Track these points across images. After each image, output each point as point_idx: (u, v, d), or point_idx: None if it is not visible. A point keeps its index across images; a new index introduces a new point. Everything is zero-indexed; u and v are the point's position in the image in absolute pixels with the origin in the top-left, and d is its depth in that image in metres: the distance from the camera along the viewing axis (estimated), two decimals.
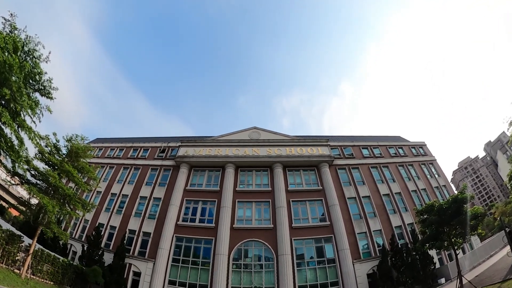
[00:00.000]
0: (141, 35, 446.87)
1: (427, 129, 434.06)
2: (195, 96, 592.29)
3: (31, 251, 16.68)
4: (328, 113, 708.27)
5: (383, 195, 33.02)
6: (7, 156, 15.11)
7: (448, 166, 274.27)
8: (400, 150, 39.73)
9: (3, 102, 13.97)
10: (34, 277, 17.20)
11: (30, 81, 15.26)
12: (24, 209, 18.94)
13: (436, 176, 37.44)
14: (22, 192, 41.06)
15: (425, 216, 21.46)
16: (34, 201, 19.89)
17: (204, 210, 31.20)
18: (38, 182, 18.39)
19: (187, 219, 30.34)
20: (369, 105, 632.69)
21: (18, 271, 16.14)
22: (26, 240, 18.07)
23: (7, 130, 14.18)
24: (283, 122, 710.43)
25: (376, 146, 39.50)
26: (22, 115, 14.85)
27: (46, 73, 15.48)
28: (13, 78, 13.40)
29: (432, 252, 26.10)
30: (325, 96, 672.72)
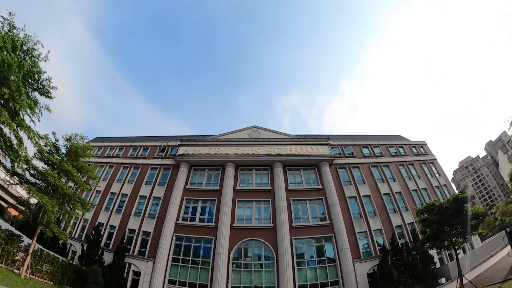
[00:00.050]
0: (141, 34, 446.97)
1: (428, 129, 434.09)
2: (195, 95, 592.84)
3: (31, 251, 16.65)
4: (328, 112, 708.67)
5: (384, 195, 32.96)
6: (6, 156, 15.04)
7: (449, 166, 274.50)
8: (401, 149, 39.64)
9: (2, 102, 13.94)
10: (34, 277, 17.18)
11: (29, 80, 15.20)
12: (24, 209, 18.92)
13: (437, 176, 37.36)
14: (22, 192, 41.06)
15: (426, 216, 21.41)
16: (34, 201, 19.85)
17: (204, 209, 31.18)
18: (38, 182, 18.35)
19: (187, 218, 30.32)
20: (369, 105, 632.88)
21: (18, 271, 16.12)
22: (26, 240, 18.07)
23: (6, 130, 14.15)
24: (283, 121, 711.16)
25: (377, 145, 39.42)
26: (21, 115, 14.81)
27: (45, 72, 15.45)
28: (12, 77, 13.37)
29: (433, 252, 26.05)
30: (325, 96, 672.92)
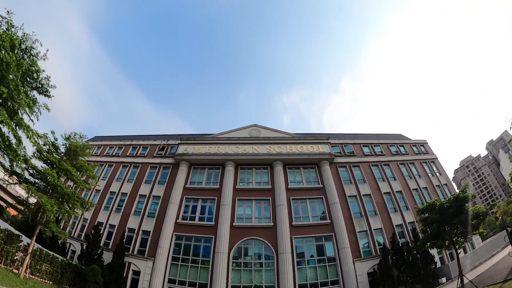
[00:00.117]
0: (141, 32, 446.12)
1: (428, 128, 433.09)
2: (195, 94, 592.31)
3: (30, 251, 16.62)
4: (329, 111, 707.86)
5: (384, 194, 32.88)
6: (5, 155, 14.97)
7: (450, 165, 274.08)
8: (401, 148, 39.53)
9: (1, 101, 13.84)
10: (33, 277, 17.14)
11: (28, 79, 15.09)
12: (23, 208, 18.87)
13: (438, 175, 37.24)
14: (21, 191, 41.12)
15: (426, 215, 21.31)
16: (33, 200, 19.86)
17: (204, 208, 31.13)
18: (37, 181, 18.29)
19: (187, 217, 30.28)
20: (370, 103, 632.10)
21: (17, 271, 16.10)
22: (25, 240, 18.04)
23: (5, 129, 14.07)
24: (284, 120, 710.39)
25: (377, 144, 39.29)
26: (20, 114, 14.72)
27: (44, 71, 15.32)
28: (11, 76, 13.26)
29: (433, 251, 26.02)
30: (326, 93, 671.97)
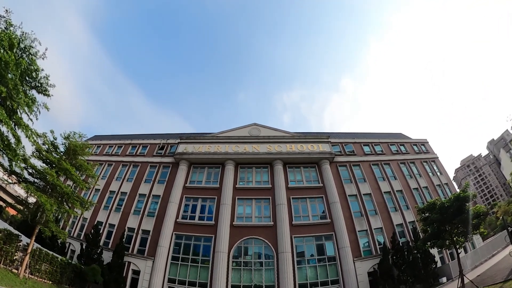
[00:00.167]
0: (140, 31, 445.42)
1: (429, 127, 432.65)
2: (195, 92, 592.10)
3: (29, 251, 16.57)
4: (329, 110, 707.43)
5: (384, 193, 32.81)
6: (4, 155, 14.90)
7: (450, 164, 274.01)
8: (402, 148, 39.44)
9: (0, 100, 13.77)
10: (33, 277, 17.11)
11: (27, 78, 15.01)
12: (22, 208, 18.80)
13: (438, 174, 37.14)
14: (20, 191, 41.00)
15: (427, 214, 21.22)
16: (32, 200, 19.82)
17: (204, 208, 31.08)
18: (36, 181, 18.23)
19: (187, 217, 30.23)
20: (370, 102, 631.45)
21: (16, 271, 16.06)
22: (24, 239, 18.00)
23: (4, 128, 13.98)
24: (284, 119, 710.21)
25: (378, 143, 39.19)
26: (19, 113, 14.65)
27: (43, 70, 15.22)
28: (9, 76, 13.18)
29: (434, 251, 26.00)
30: (326, 93, 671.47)
